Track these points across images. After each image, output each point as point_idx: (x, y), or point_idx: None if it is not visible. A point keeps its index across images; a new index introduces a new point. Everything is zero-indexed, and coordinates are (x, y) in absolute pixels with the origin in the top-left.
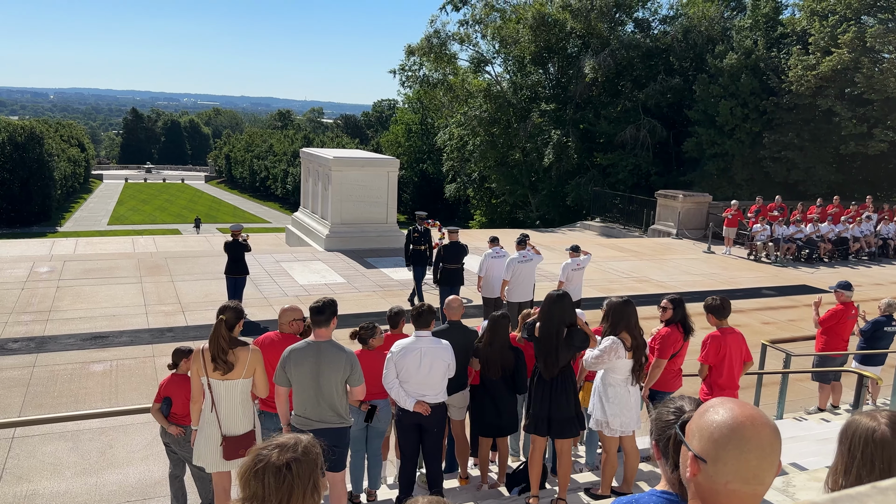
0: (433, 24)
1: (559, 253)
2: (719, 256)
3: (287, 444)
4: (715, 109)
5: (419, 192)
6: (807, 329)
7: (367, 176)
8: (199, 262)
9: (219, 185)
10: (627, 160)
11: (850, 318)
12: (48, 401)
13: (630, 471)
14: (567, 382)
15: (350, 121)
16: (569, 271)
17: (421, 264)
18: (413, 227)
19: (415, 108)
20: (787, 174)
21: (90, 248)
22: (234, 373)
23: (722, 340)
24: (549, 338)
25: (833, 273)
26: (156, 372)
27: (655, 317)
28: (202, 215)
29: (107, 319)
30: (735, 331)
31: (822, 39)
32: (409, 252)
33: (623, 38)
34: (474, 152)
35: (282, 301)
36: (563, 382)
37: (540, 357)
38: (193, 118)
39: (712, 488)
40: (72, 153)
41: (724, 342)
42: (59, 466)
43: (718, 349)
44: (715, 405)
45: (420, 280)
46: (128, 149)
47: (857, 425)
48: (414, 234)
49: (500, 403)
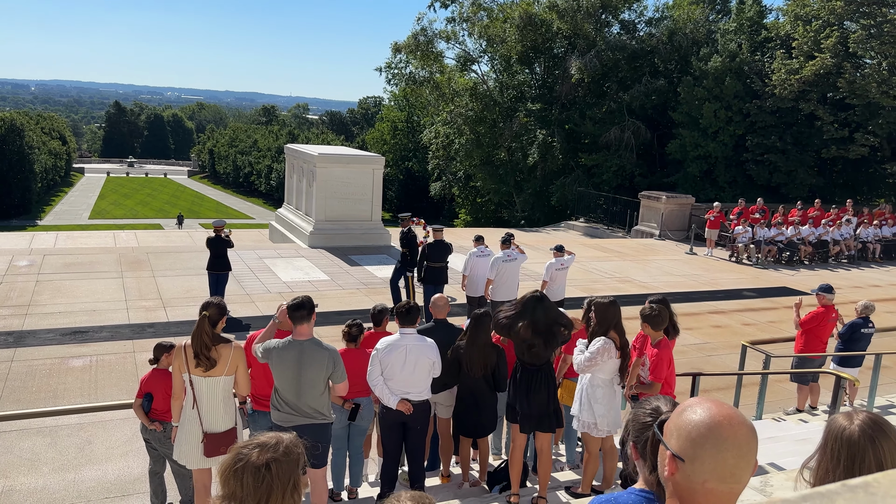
0: (420, 22)
1: (543, 252)
2: (701, 258)
3: (268, 444)
4: (699, 112)
5: (404, 190)
6: (786, 330)
7: (351, 173)
8: (180, 257)
9: (202, 180)
10: (612, 161)
11: (830, 321)
12: (26, 396)
13: (610, 470)
14: (547, 378)
15: (336, 117)
16: (553, 271)
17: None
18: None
19: (401, 106)
20: (769, 177)
21: (71, 243)
22: (216, 370)
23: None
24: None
25: (813, 275)
26: (136, 367)
27: (637, 317)
28: (185, 210)
29: (87, 314)
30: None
31: (806, 44)
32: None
33: (609, 40)
34: (460, 151)
35: (265, 298)
36: (542, 377)
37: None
38: (177, 112)
39: (690, 487)
40: (53, 146)
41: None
42: (36, 462)
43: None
44: (693, 405)
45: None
46: (110, 142)
47: (834, 423)
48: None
49: (481, 402)
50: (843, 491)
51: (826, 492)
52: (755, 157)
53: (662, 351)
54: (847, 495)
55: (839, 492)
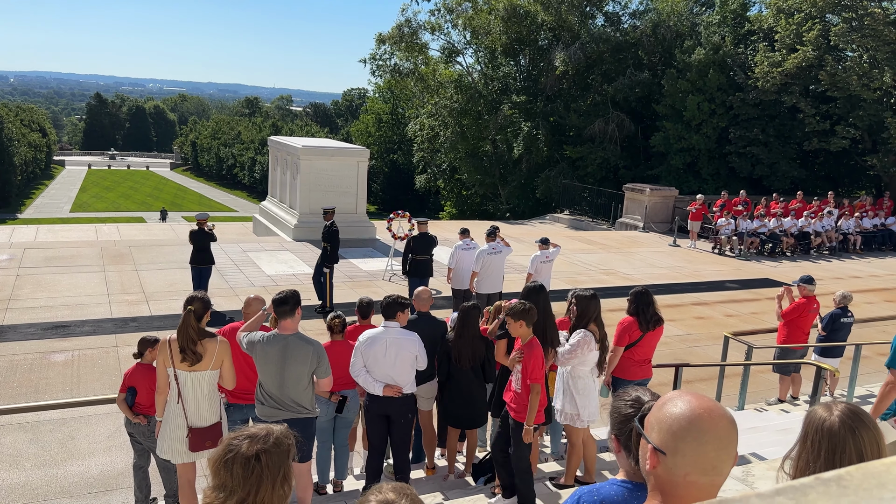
0: (404, 13)
1: (528, 245)
2: (684, 250)
3: (258, 435)
4: (682, 104)
5: (389, 183)
6: (769, 321)
7: (336, 165)
8: (163, 251)
9: (184, 172)
10: (596, 153)
11: (812, 312)
12: (7, 391)
13: (590, 460)
14: None
15: (319, 109)
16: (538, 263)
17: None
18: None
19: (385, 98)
20: (751, 169)
21: (52, 236)
22: (201, 364)
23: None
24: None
25: (795, 267)
26: (119, 362)
27: (621, 308)
28: (167, 203)
29: (68, 308)
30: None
31: (788, 37)
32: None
33: (593, 32)
34: (445, 143)
35: (248, 291)
36: None
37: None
38: (159, 104)
39: (672, 480)
40: (32, 138)
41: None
42: (18, 458)
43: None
44: (673, 398)
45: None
46: (91, 134)
47: (813, 414)
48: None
49: (470, 394)
50: (816, 484)
51: (799, 485)
52: (738, 150)
53: (535, 350)
54: (820, 489)
55: (812, 485)
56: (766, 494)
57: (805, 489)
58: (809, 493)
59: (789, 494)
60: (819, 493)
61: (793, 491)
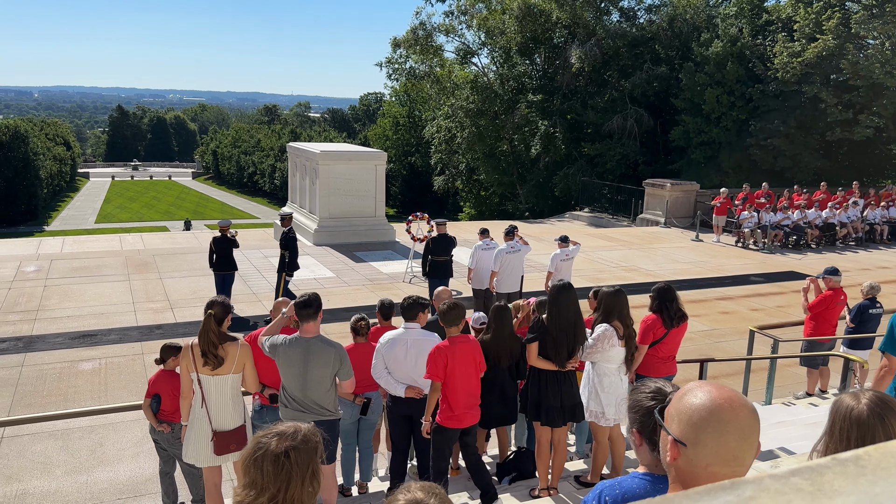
0: (418, 16)
1: (548, 244)
2: (707, 244)
3: (286, 433)
4: (701, 98)
5: (408, 186)
6: (795, 315)
7: (354, 169)
8: (186, 258)
9: (206, 181)
10: (615, 150)
11: (839, 304)
12: (37, 400)
13: (618, 458)
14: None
15: (337, 115)
16: (557, 262)
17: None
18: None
19: (402, 101)
20: (773, 161)
21: (77, 247)
22: (223, 368)
23: (449, 352)
24: (566, 330)
25: (821, 259)
26: (145, 369)
27: (644, 305)
28: (190, 212)
29: (95, 317)
30: (469, 338)
31: (807, 26)
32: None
33: (609, 28)
34: (462, 144)
35: (271, 296)
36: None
37: (555, 350)
38: (179, 114)
39: (693, 472)
40: (57, 151)
41: (451, 353)
42: (49, 465)
43: (446, 363)
44: (693, 388)
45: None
46: (114, 146)
47: (840, 403)
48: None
49: (504, 392)
50: (833, 464)
51: (816, 465)
52: (759, 142)
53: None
54: (837, 469)
55: (829, 465)
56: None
57: (821, 469)
58: (826, 473)
59: (805, 475)
60: (836, 472)
61: (809, 471)
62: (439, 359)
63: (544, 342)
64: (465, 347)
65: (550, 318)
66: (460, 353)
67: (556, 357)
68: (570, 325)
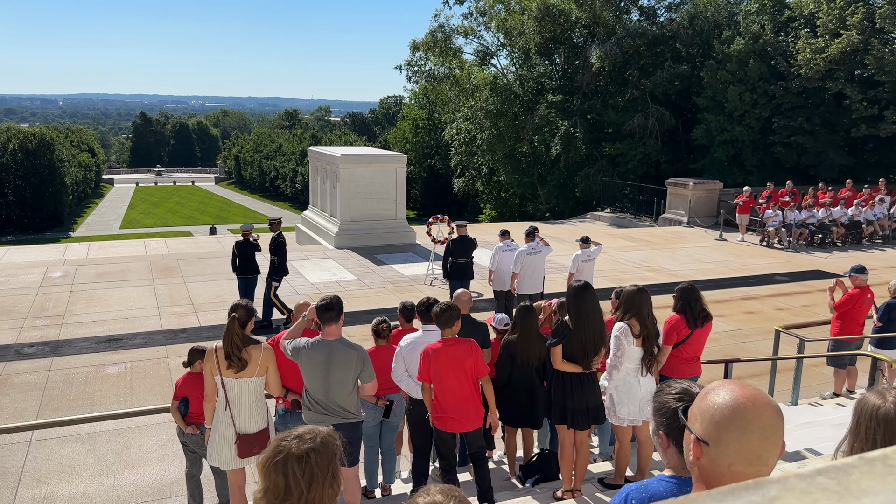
0: (437, 19)
1: (569, 245)
2: (731, 244)
3: (306, 435)
4: (723, 96)
5: (428, 188)
6: (821, 314)
7: (374, 172)
8: (210, 262)
9: (229, 186)
10: (636, 149)
11: (866, 303)
12: (64, 404)
13: (644, 460)
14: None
15: (357, 118)
16: (579, 263)
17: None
18: None
19: (421, 104)
20: (797, 159)
21: (102, 252)
22: (247, 371)
23: (435, 354)
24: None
25: (847, 257)
26: (170, 373)
27: (667, 306)
28: (213, 217)
29: (120, 322)
30: (462, 341)
31: (831, 22)
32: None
33: (629, 27)
34: (482, 146)
35: (293, 299)
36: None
37: (580, 352)
38: (202, 120)
39: (716, 471)
40: (82, 158)
41: (438, 356)
42: (76, 468)
43: (430, 365)
44: (716, 387)
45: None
46: (138, 152)
47: (865, 402)
48: None
49: (533, 393)
50: (860, 464)
51: (842, 465)
52: (783, 140)
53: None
54: (864, 468)
55: (856, 464)
56: (806, 474)
57: (848, 469)
58: (852, 472)
59: (831, 474)
60: (863, 472)
61: (835, 471)
62: (424, 361)
63: (568, 344)
64: (455, 350)
65: (571, 320)
66: (449, 355)
67: (582, 359)
68: (592, 325)
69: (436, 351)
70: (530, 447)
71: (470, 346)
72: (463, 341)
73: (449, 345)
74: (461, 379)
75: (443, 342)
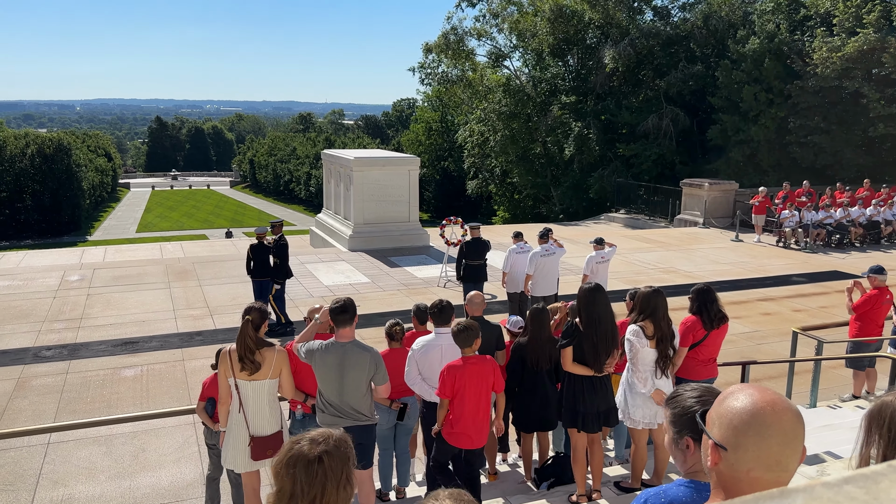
0: (450, 21)
1: (583, 246)
2: (748, 244)
3: (318, 438)
4: (738, 95)
5: (441, 190)
6: (839, 315)
7: (388, 175)
8: (225, 265)
9: (244, 189)
10: (651, 150)
11: (885, 304)
12: (81, 406)
13: (661, 463)
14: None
15: (371, 121)
16: (593, 264)
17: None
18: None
19: (434, 106)
20: (814, 159)
21: (119, 256)
22: (260, 373)
23: (459, 372)
24: (600, 333)
25: (865, 258)
26: (185, 375)
27: (683, 307)
28: (228, 220)
29: (136, 325)
30: (483, 359)
31: (847, 20)
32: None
33: (642, 27)
34: (495, 147)
35: (307, 302)
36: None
37: (591, 354)
38: (217, 124)
39: (734, 476)
40: (99, 163)
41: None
42: (93, 470)
43: (454, 382)
44: (734, 391)
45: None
46: (154, 157)
47: (882, 405)
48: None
49: (545, 396)
50: (888, 472)
51: (871, 473)
52: (799, 139)
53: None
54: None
55: (884, 472)
56: (833, 483)
57: (877, 477)
58: (881, 480)
59: (859, 483)
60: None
61: (863, 479)
62: (448, 378)
63: (579, 346)
64: (477, 369)
65: (582, 322)
66: (472, 374)
67: (594, 362)
68: (603, 327)
69: (461, 368)
70: (546, 450)
71: (491, 365)
72: (483, 360)
73: (471, 363)
74: (480, 397)
75: (464, 360)
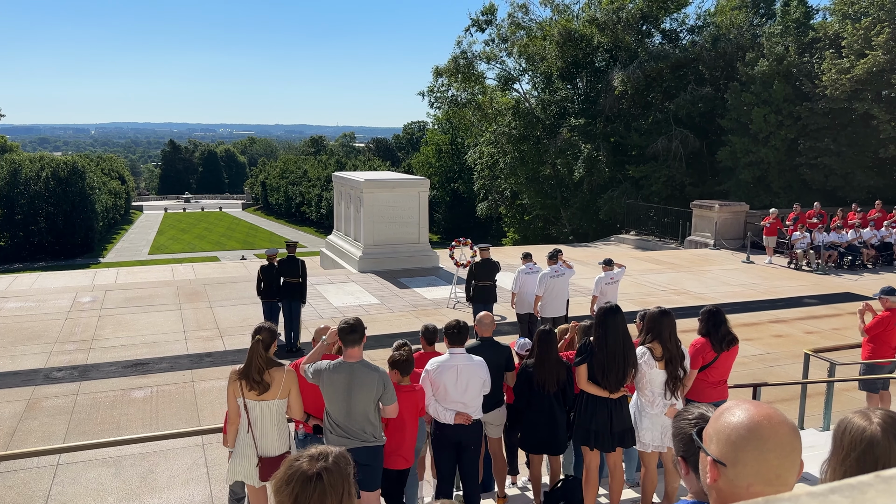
0: (460, 45)
1: (592, 267)
2: (759, 266)
3: (317, 455)
4: (748, 117)
5: (451, 212)
6: (852, 337)
7: (397, 197)
8: (236, 287)
9: (255, 211)
10: (660, 171)
11: None
12: (91, 428)
13: (670, 486)
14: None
15: (381, 144)
16: (602, 285)
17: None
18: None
19: (444, 129)
20: (824, 180)
21: (131, 278)
22: (269, 393)
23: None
24: (616, 353)
25: (878, 279)
26: (195, 397)
27: (693, 329)
28: (240, 242)
29: (147, 346)
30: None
31: (856, 42)
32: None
33: (651, 50)
34: (504, 169)
35: (317, 323)
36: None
37: (603, 374)
38: (229, 147)
39: (734, 493)
40: (113, 186)
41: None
42: (102, 492)
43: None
44: (730, 407)
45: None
46: (167, 179)
47: (850, 424)
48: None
49: (553, 419)
50: (875, 482)
51: (857, 483)
52: (809, 161)
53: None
54: (880, 486)
55: (871, 483)
56: (818, 493)
57: (863, 487)
58: (867, 490)
59: (845, 492)
60: (878, 490)
61: (849, 489)
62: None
63: (592, 365)
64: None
65: (598, 341)
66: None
67: (606, 381)
68: (619, 348)
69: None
70: (556, 473)
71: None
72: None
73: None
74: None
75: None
